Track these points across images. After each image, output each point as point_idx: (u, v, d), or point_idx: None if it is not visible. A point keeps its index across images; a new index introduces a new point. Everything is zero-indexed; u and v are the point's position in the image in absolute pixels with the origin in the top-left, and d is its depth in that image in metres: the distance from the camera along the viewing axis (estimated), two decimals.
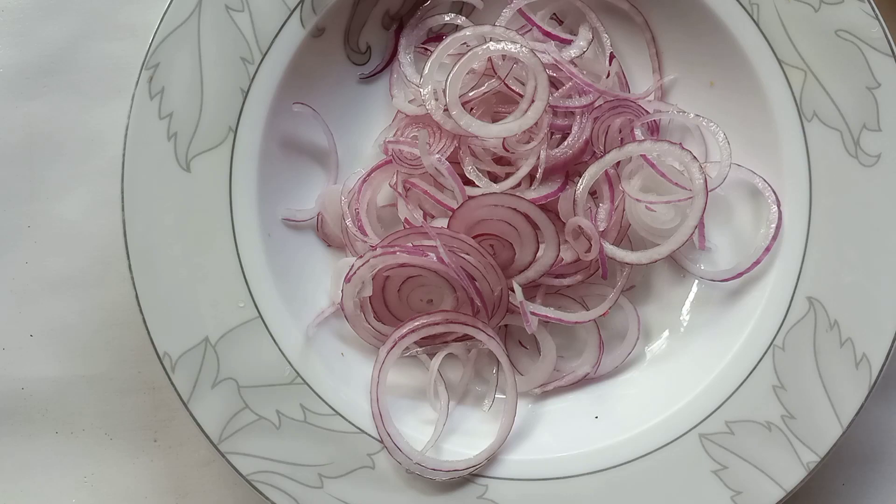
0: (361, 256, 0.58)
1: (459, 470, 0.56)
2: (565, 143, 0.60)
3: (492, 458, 0.57)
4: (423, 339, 0.59)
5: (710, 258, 0.62)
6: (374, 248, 0.58)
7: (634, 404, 0.60)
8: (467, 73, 0.59)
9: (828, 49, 0.57)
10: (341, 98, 0.64)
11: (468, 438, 0.59)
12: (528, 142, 0.59)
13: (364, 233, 0.61)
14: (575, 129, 0.60)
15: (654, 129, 0.63)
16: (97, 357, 0.67)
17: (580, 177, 0.59)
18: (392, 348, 0.58)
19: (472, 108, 0.60)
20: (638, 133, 0.60)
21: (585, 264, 0.60)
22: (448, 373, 0.61)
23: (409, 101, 0.63)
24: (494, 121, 0.60)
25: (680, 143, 0.58)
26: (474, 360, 0.61)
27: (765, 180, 0.59)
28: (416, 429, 0.58)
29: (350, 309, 0.59)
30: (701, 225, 0.59)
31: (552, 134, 0.60)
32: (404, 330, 0.58)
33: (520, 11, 0.62)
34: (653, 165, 0.59)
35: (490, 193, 0.58)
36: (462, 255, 0.57)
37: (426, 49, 0.64)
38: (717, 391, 0.57)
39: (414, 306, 0.60)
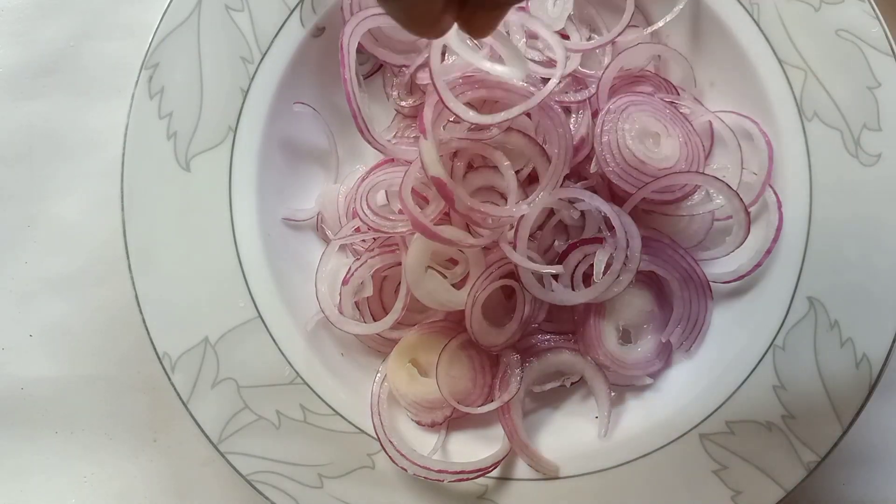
0: (358, 258, 0.58)
1: (467, 472, 0.56)
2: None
3: (500, 463, 0.57)
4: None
5: (711, 260, 0.62)
6: (370, 248, 0.58)
7: (634, 404, 0.60)
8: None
9: (828, 49, 0.57)
10: (341, 97, 0.63)
11: (470, 439, 0.59)
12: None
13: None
14: (572, 122, 0.60)
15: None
16: (97, 357, 0.67)
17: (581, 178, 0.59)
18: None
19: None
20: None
21: None
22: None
23: (403, 102, 0.63)
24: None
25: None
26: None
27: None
28: (418, 428, 0.59)
29: (348, 314, 0.59)
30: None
31: None
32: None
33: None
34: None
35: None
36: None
37: None
38: (718, 391, 0.57)
39: (411, 306, 0.60)
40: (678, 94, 0.62)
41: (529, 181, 0.59)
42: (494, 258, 0.57)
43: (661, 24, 0.61)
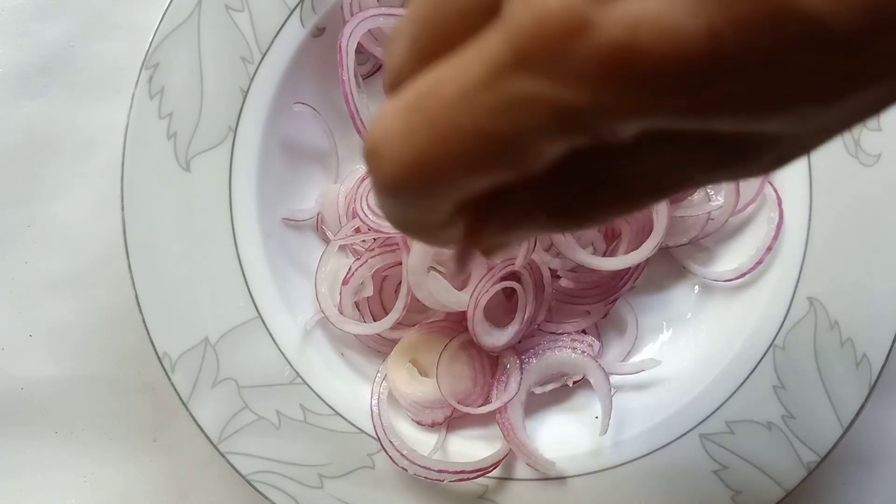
0: (358, 258, 0.58)
1: (468, 472, 0.56)
2: None
3: (501, 463, 0.57)
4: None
5: (711, 258, 0.62)
6: (370, 248, 0.58)
7: (634, 404, 0.60)
8: None
9: None
10: (341, 97, 0.63)
11: (471, 439, 0.59)
12: None
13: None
14: None
15: None
16: (97, 357, 0.67)
17: None
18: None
19: None
20: None
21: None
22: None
23: None
24: None
25: None
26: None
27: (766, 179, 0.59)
28: (417, 428, 0.59)
29: (348, 314, 0.59)
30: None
31: None
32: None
33: None
34: None
35: None
36: None
37: None
38: (718, 391, 0.57)
39: (411, 307, 0.60)
40: None
41: None
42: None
43: None
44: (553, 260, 0.59)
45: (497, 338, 0.58)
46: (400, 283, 0.59)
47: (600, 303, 0.61)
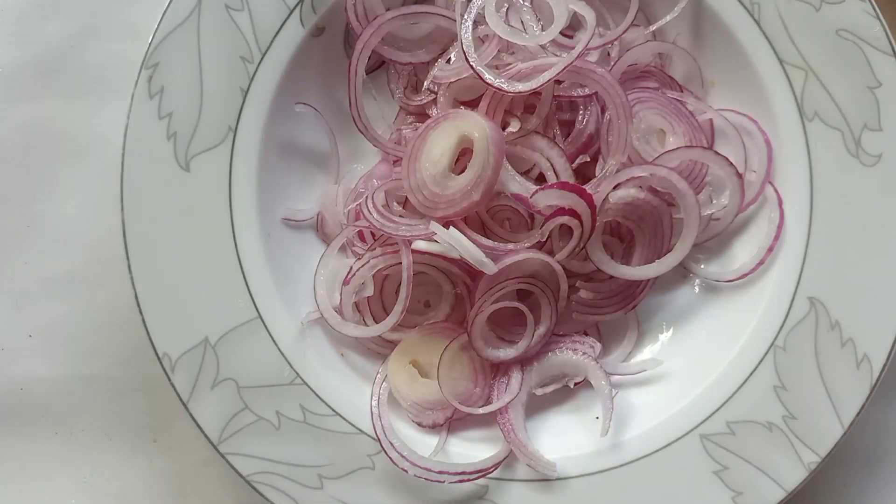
0: (360, 258, 0.58)
1: (468, 473, 0.56)
2: (572, 134, 0.60)
3: (501, 464, 0.57)
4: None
5: (712, 258, 0.62)
6: (372, 248, 0.58)
7: (635, 405, 0.60)
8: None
9: (829, 48, 0.57)
10: (342, 97, 0.63)
11: (471, 440, 0.59)
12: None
13: (363, 238, 0.61)
14: (579, 117, 0.60)
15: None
16: (97, 357, 0.67)
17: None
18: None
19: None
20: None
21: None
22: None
23: (409, 100, 0.63)
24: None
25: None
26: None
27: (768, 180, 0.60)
28: (418, 429, 0.59)
29: (348, 315, 0.59)
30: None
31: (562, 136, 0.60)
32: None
33: None
34: None
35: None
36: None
37: None
38: (719, 391, 0.57)
39: (411, 308, 0.60)
40: (682, 92, 0.62)
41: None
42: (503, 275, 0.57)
43: (662, 23, 0.61)
44: (583, 264, 0.59)
45: (504, 352, 0.58)
46: (400, 284, 0.58)
47: (621, 311, 0.61)
